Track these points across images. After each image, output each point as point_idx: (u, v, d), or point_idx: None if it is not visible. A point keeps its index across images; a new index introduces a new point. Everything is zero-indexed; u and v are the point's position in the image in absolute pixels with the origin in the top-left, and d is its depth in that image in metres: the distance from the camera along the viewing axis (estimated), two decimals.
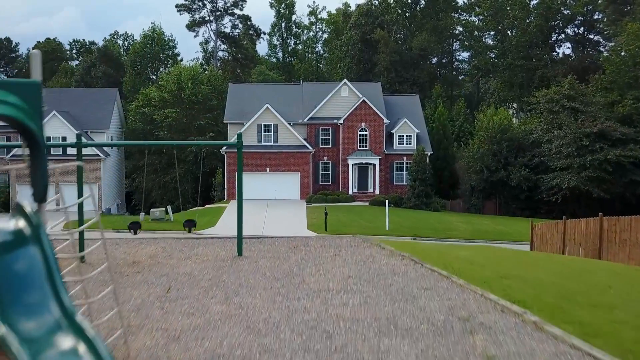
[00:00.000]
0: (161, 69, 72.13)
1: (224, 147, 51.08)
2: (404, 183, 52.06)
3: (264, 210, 45.82)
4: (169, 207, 39.37)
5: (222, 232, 37.29)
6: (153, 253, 16.02)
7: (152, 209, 39.21)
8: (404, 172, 52.42)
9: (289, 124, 51.83)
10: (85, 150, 50.08)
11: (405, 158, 52.34)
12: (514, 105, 77.84)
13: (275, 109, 51.96)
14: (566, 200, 48.91)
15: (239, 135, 14.98)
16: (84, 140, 15.03)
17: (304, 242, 18.33)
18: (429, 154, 50.65)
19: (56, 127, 49.21)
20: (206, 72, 59.56)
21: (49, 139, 49.27)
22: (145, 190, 57.04)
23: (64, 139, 49.34)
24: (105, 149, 52.14)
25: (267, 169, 51.16)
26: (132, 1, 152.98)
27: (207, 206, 49.42)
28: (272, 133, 51.26)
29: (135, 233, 14.48)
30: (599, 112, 49.14)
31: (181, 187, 55.70)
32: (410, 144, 52.48)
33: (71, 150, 49.34)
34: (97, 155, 49.64)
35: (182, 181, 55.54)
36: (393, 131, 52.50)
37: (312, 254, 15.53)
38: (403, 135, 52.55)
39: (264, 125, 51.20)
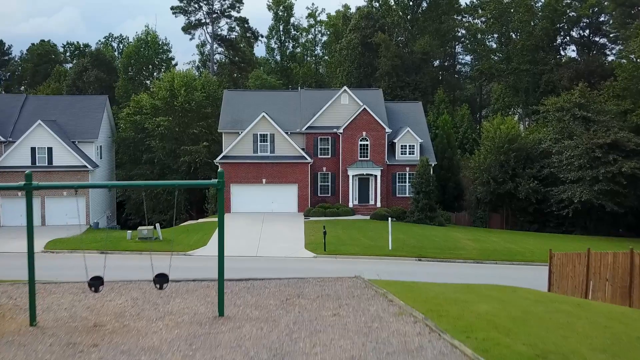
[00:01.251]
0: (155, 74, 69.71)
1: (218, 158, 48.74)
2: (407, 195, 49.72)
3: (259, 225, 43.52)
4: (157, 225, 36.99)
5: (213, 253, 34.90)
6: (121, 309, 13.65)
7: (139, 227, 36.87)
8: (407, 184, 50.07)
9: (287, 133, 49.51)
10: (70, 162, 47.84)
11: (408, 169, 50.00)
12: (519, 110, 75.54)
13: (271, 118, 49.65)
14: (577, 213, 46.61)
15: (220, 174, 12.64)
16: (34, 182, 12.72)
17: (299, 289, 15.93)
18: (432, 165, 48.28)
19: (42, 138, 46.85)
20: (200, 79, 56.96)
21: (34, 150, 46.97)
22: (136, 201, 54.74)
23: (49, 150, 47.03)
24: (94, 158, 49.78)
25: (264, 180, 48.83)
26: (132, 1, 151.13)
27: (200, 220, 47.03)
28: (268, 143, 48.91)
29: (96, 290, 11.98)
30: (611, 121, 46.79)
31: (174, 198, 53.37)
32: (413, 154, 50.14)
33: (57, 160, 47.02)
34: (84, 166, 47.24)
35: (174, 192, 53.13)
36: (395, 140, 50.16)
37: (307, 313, 13.14)
38: (406, 145, 50.19)
39: (260, 134, 48.85)
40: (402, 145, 50.19)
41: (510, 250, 37.86)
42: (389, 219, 36.89)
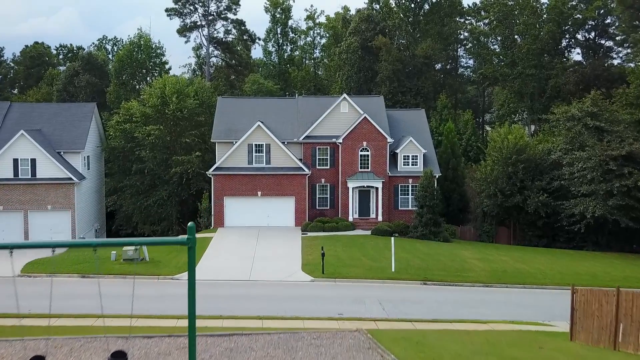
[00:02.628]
0: (148, 79, 67.23)
1: (211, 169, 46.32)
2: (410, 208, 47.31)
3: (254, 241, 41.11)
4: (144, 245, 34.54)
5: (203, 276, 32.51)
6: None
7: (124, 248, 34.42)
8: (410, 196, 47.65)
9: (283, 142, 47.10)
10: (55, 174, 45.36)
11: (411, 180, 47.59)
12: (524, 115, 73.12)
13: (268, 126, 47.25)
14: (588, 227, 44.20)
15: (191, 229, 10.20)
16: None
17: (290, 352, 13.49)
18: (436, 176, 45.82)
19: (25, 149, 44.38)
20: (193, 85, 54.47)
21: (16, 161, 44.55)
22: (125, 213, 52.29)
23: (33, 161, 44.56)
24: (81, 169, 47.29)
25: (259, 193, 46.39)
26: (131, 1, 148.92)
27: None
28: (264, 153, 46.50)
29: None
30: (625, 131, 44.39)
31: (165, 211, 50.97)
32: (416, 164, 47.72)
33: (41, 173, 44.57)
34: (70, 179, 44.76)
35: (165, 204, 50.77)
36: (397, 151, 47.75)
37: None
38: (408, 156, 47.77)
39: (256, 144, 46.42)
40: (404, 156, 47.77)
41: (520, 272, 35.44)
42: (392, 238, 34.46)
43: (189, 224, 10.13)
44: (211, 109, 53.36)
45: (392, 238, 34.27)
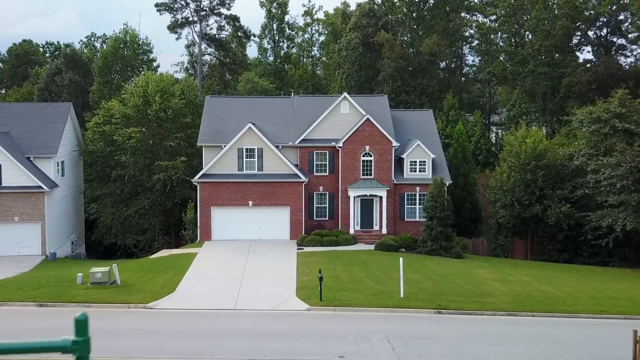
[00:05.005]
0: (134, 77, 62.64)
1: (197, 176, 41.75)
2: (417, 219, 42.80)
3: (243, 258, 36.56)
4: (114, 266, 29.94)
5: (183, 304, 27.96)
6: None
7: (92, 270, 29.81)
8: (417, 206, 43.13)
9: (277, 147, 42.59)
10: (23, 182, 40.70)
11: (418, 189, 43.06)
12: (536, 116, 68.61)
13: (260, 129, 42.75)
14: (616, 242, 39.73)
15: (81, 326, 5.79)
16: None
17: None
18: (447, 184, 41.24)
19: None
20: (179, 83, 49.87)
21: None
22: (105, 223, 47.71)
23: None
24: (53, 176, 42.69)
25: (250, 202, 41.84)
26: (131, 1, 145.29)
27: (173, 251, 39.93)
28: (256, 159, 41.96)
29: None
30: None
31: (147, 221, 46.38)
32: (424, 171, 43.20)
33: (7, 180, 40.01)
34: (39, 187, 40.11)
35: (147, 214, 46.15)
36: (403, 156, 43.24)
37: None
38: (415, 161, 43.25)
39: (246, 149, 41.88)
40: (411, 162, 43.25)
41: (547, 296, 30.89)
42: (401, 259, 29.89)
43: (78, 315, 5.33)
44: (199, 109, 48.83)
45: (401, 259, 29.71)
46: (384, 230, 42.35)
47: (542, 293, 31.34)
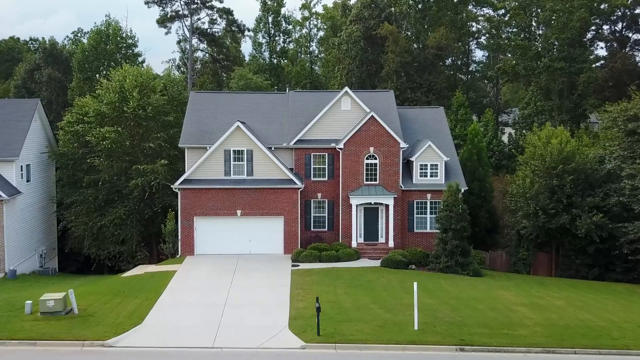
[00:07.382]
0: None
1: (178, 182, 36.71)
2: (429, 230, 37.85)
3: (229, 277, 31.57)
4: (71, 292, 24.89)
5: (149, 341, 22.90)
6: None
7: (43, 296, 24.74)
8: (429, 215, 38.14)
9: (270, 148, 37.62)
10: None
11: (429, 196, 38.07)
12: (552, 113, 63.75)
13: (250, 128, 37.79)
14: None
15: None
16: None
17: None
18: (462, 191, 36.20)
19: None
20: (162, 77, 44.87)
21: None
22: (76, 238, 42.67)
23: None
24: (16, 182, 37.64)
25: (238, 212, 36.80)
26: (129, 1, 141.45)
27: (149, 268, 34.81)
28: (245, 162, 36.96)
29: None
30: None
31: (124, 232, 41.31)
32: (436, 175, 38.22)
33: None
34: None
35: (124, 224, 41.04)
36: (412, 159, 38.25)
37: None
38: (426, 165, 38.26)
39: (234, 150, 36.87)
40: (421, 165, 38.23)
41: (588, 326, 25.82)
42: (415, 283, 24.86)
43: None
44: (184, 106, 43.83)
45: (415, 284, 24.67)
46: (391, 244, 37.32)
47: (581, 322, 26.28)
